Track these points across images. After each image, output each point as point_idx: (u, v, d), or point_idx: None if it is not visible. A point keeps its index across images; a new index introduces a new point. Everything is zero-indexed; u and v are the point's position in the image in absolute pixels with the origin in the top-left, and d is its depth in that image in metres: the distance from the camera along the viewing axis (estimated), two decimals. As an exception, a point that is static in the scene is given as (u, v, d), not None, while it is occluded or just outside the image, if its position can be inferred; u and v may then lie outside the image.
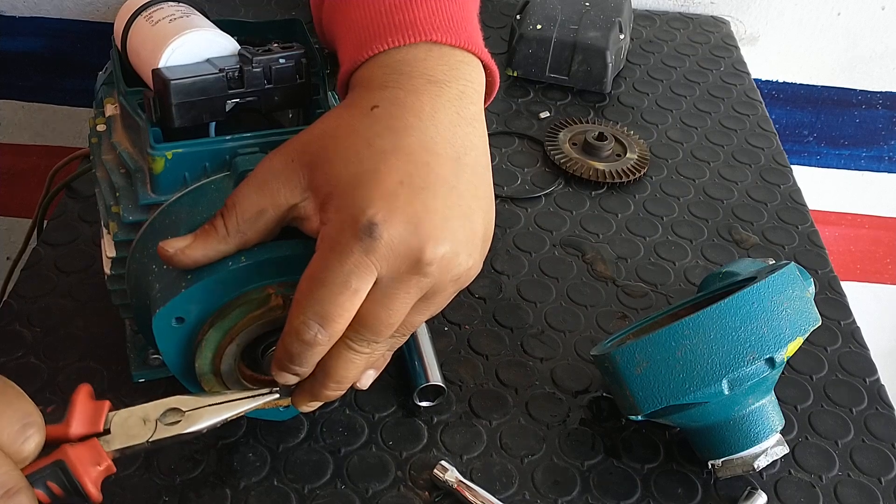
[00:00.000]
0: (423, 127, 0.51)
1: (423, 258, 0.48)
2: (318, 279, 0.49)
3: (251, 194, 0.52)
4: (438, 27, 0.54)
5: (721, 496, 0.64)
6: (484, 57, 0.56)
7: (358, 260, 0.48)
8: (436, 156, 0.50)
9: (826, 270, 0.83)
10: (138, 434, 0.52)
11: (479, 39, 0.57)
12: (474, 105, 0.54)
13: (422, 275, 0.49)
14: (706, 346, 0.58)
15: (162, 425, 0.52)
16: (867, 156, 1.37)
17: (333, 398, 0.56)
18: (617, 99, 1.04)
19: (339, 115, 0.53)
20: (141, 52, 0.59)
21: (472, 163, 0.52)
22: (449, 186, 0.50)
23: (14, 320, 0.70)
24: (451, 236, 0.49)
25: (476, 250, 0.52)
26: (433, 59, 0.53)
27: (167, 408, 0.53)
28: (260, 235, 0.52)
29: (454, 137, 0.52)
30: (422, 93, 0.52)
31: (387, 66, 0.53)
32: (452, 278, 0.51)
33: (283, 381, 0.54)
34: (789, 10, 1.25)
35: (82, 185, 0.82)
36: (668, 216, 0.88)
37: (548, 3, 1.06)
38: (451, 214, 0.50)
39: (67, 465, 0.49)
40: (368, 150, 0.50)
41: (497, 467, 0.64)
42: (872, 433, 0.69)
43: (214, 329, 0.54)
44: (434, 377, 0.67)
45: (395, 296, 0.50)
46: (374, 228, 0.47)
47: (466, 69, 0.55)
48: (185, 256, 0.52)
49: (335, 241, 0.49)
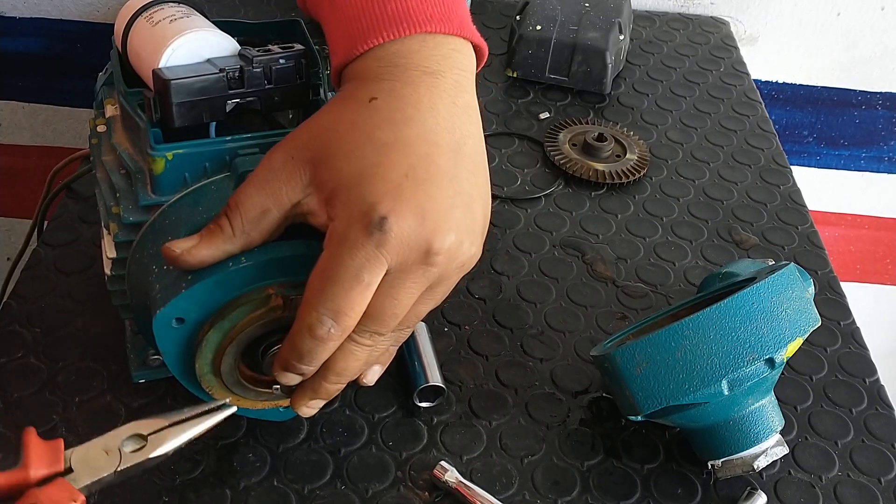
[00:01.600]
0: (423, 118, 0.51)
1: (431, 248, 0.49)
2: (330, 275, 0.49)
3: (253, 194, 0.52)
4: (431, 16, 0.54)
5: (721, 496, 0.64)
6: (475, 39, 0.56)
7: (369, 253, 0.48)
8: (436, 146, 0.51)
9: (826, 271, 0.83)
10: (103, 466, 0.49)
11: (468, 20, 0.57)
12: (468, 93, 0.55)
13: (430, 265, 0.50)
14: (706, 346, 0.58)
15: (126, 453, 0.50)
16: (867, 156, 1.37)
17: (333, 393, 0.56)
18: (617, 100, 1.04)
19: (338, 108, 0.53)
20: (141, 52, 0.59)
21: (471, 151, 0.53)
22: (450, 176, 0.51)
23: (14, 320, 0.70)
24: (455, 225, 0.50)
25: (477, 237, 0.53)
26: (427, 50, 0.54)
27: (127, 435, 0.51)
28: (264, 236, 0.53)
29: (453, 127, 0.52)
30: (418, 84, 0.52)
31: (381, 58, 0.54)
32: (458, 266, 0.52)
33: (286, 381, 0.54)
34: (789, 11, 1.25)
35: (82, 186, 0.82)
36: (668, 217, 0.88)
37: (547, 3, 1.06)
38: (454, 204, 0.50)
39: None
40: (370, 143, 0.50)
41: (497, 468, 0.64)
42: (872, 433, 0.69)
43: (214, 329, 0.54)
44: (434, 378, 0.67)
45: (402, 286, 0.50)
46: (384, 222, 0.48)
47: (459, 57, 0.55)
48: (191, 257, 0.52)
49: (344, 235, 0.49)
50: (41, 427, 0.63)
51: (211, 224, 0.52)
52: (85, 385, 0.66)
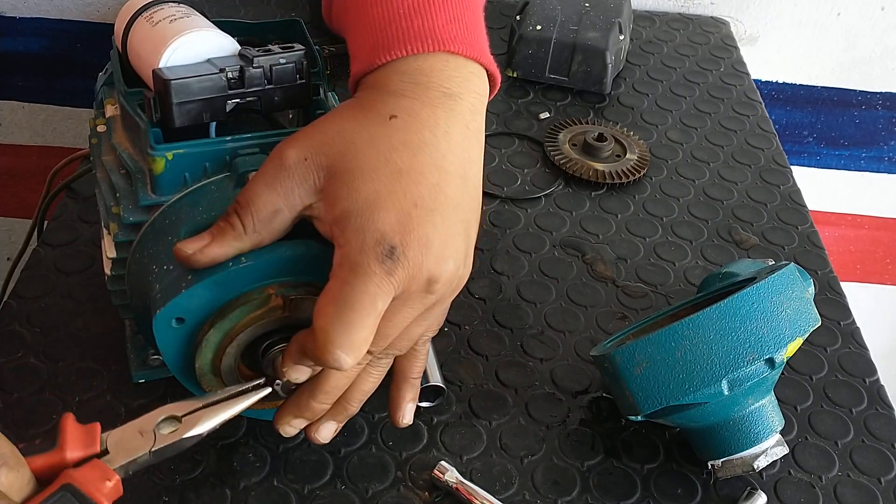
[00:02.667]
0: (437, 143, 0.52)
1: (433, 277, 0.50)
2: (347, 304, 0.49)
3: (265, 193, 0.52)
4: (456, 37, 0.55)
5: (721, 496, 0.64)
6: (491, 67, 0.57)
7: (381, 281, 0.49)
8: (445, 174, 0.52)
9: (826, 271, 0.83)
10: (138, 447, 0.51)
11: (487, 46, 0.58)
12: (480, 116, 0.56)
13: (429, 292, 0.51)
14: (706, 346, 0.58)
15: (161, 434, 0.51)
16: (867, 156, 1.37)
17: (318, 413, 0.57)
18: (617, 99, 1.04)
19: (356, 118, 0.53)
20: (141, 52, 0.59)
21: (473, 176, 0.54)
22: (455, 204, 0.52)
23: (14, 320, 0.70)
24: (454, 252, 0.51)
25: (469, 259, 0.54)
26: (449, 71, 0.54)
27: (162, 417, 0.52)
28: (274, 236, 0.53)
29: (462, 152, 0.53)
30: (437, 106, 0.53)
31: (403, 73, 0.54)
32: (453, 290, 0.54)
33: (296, 376, 0.54)
34: (789, 11, 1.25)
35: (82, 186, 0.82)
36: (668, 217, 0.88)
37: (548, 3, 1.06)
38: (456, 231, 0.52)
39: (77, 487, 0.47)
40: (386, 167, 0.51)
41: (497, 468, 0.64)
42: (872, 433, 0.69)
43: (214, 329, 0.54)
44: (434, 377, 0.67)
45: (401, 312, 0.51)
46: (395, 251, 0.49)
47: (477, 81, 0.56)
48: (203, 256, 0.52)
49: (357, 263, 0.49)
50: (41, 427, 0.63)
51: (221, 222, 0.52)
52: (85, 385, 0.66)
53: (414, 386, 0.60)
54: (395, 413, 0.61)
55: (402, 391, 0.60)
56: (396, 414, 0.61)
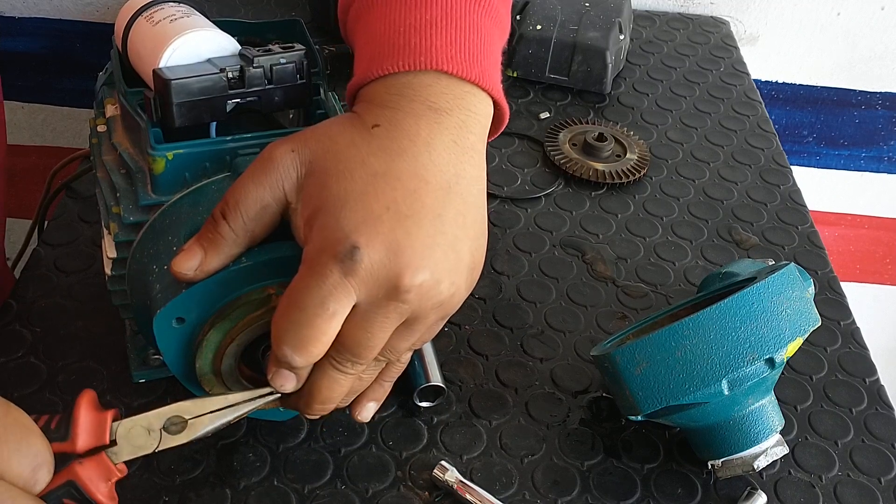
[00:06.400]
0: (417, 152, 0.51)
1: (400, 285, 0.48)
2: (297, 300, 0.49)
3: (252, 189, 0.51)
4: (451, 58, 0.54)
5: (721, 496, 0.64)
6: (495, 93, 0.56)
7: (336, 282, 0.48)
8: (425, 183, 0.50)
9: (826, 271, 0.84)
10: (144, 445, 0.52)
11: (495, 75, 0.56)
12: (473, 135, 0.54)
13: (400, 301, 0.49)
14: (706, 346, 0.58)
15: (167, 435, 0.52)
16: (866, 156, 1.38)
17: (320, 414, 0.56)
18: (617, 99, 1.04)
19: (342, 124, 0.53)
20: (141, 52, 0.59)
21: (463, 192, 0.52)
22: (434, 214, 0.50)
23: (14, 320, 0.70)
24: (431, 265, 0.49)
25: (461, 278, 0.52)
26: (439, 87, 0.53)
27: (170, 415, 0.52)
28: (267, 228, 0.53)
29: (447, 165, 0.52)
30: (420, 117, 0.52)
31: (392, 87, 0.53)
32: (434, 306, 0.51)
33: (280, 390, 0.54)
34: (789, 11, 1.26)
35: (82, 186, 0.82)
36: (668, 216, 0.88)
37: (548, 3, 1.06)
38: (434, 243, 0.50)
39: (79, 485, 0.49)
40: (361, 168, 0.50)
41: (497, 467, 0.64)
42: (872, 433, 0.69)
43: (215, 329, 0.54)
44: (434, 377, 0.67)
45: (373, 320, 0.50)
46: (355, 252, 0.48)
47: (472, 100, 0.54)
48: (203, 273, 0.52)
49: (315, 261, 0.49)
50: (41, 427, 0.63)
51: (210, 233, 0.52)
52: (85, 385, 0.65)
53: (382, 388, 0.59)
54: (354, 407, 0.59)
55: (369, 389, 0.59)
56: (355, 409, 0.59)
